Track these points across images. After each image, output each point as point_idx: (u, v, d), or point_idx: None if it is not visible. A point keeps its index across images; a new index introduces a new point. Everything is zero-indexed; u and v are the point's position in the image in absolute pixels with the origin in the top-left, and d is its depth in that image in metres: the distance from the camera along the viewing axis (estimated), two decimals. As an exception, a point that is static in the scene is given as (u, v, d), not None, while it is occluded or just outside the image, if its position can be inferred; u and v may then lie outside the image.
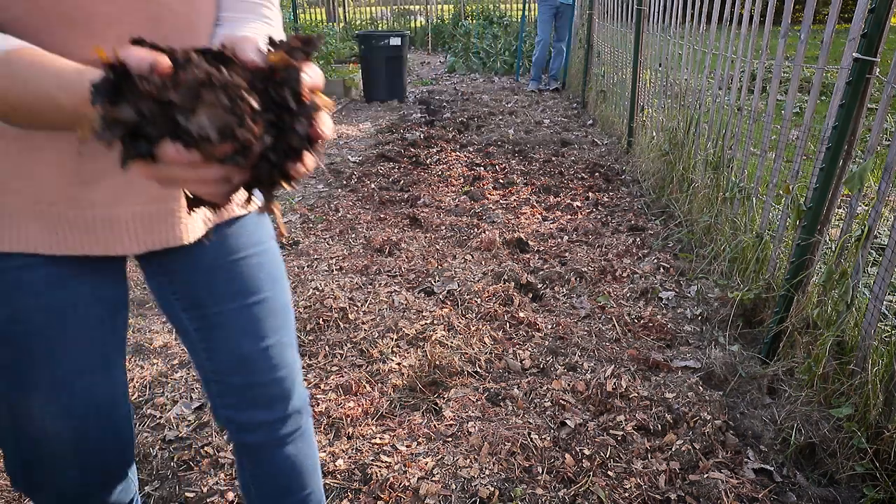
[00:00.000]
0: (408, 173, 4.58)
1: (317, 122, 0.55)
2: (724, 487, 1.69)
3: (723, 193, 3.00)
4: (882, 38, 1.82)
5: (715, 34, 3.26)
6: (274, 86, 0.54)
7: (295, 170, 0.56)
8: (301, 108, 0.54)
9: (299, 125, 0.54)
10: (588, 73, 6.84)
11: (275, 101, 0.54)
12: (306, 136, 0.55)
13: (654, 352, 2.34)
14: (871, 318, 1.82)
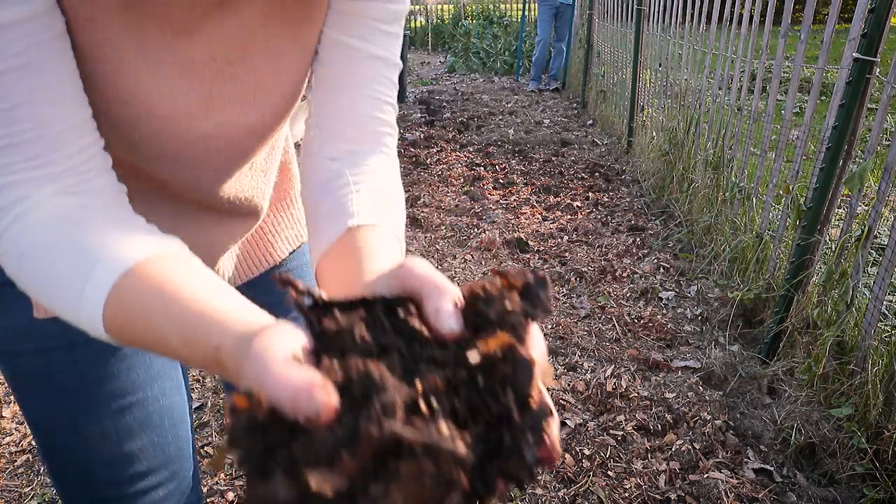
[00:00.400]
0: (408, 173, 4.58)
1: (548, 438, 0.38)
2: (724, 487, 1.69)
3: (723, 193, 3.00)
4: (882, 38, 1.82)
5: (715, 34, 3.26)
6: (488, 380, 0.38)
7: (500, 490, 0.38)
8: (527, 417, 0.38)
9: (524, 445, 0.37)
10: (588, 73, 6.84)
11: (483, 398, 0.38)
12: (533, 464, 0.37)
13: (654, 352, 2.34)
14: (871, 318, 1.82)
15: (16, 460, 1.86)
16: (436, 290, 0.42)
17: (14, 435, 1.95)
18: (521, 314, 0.41)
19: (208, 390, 2.16)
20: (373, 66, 0.70)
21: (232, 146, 0.72)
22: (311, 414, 0.32)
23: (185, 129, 0.66)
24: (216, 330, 0.44)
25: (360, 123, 0.71)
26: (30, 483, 1.77)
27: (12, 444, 1.92)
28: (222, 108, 0.67)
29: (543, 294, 0.42)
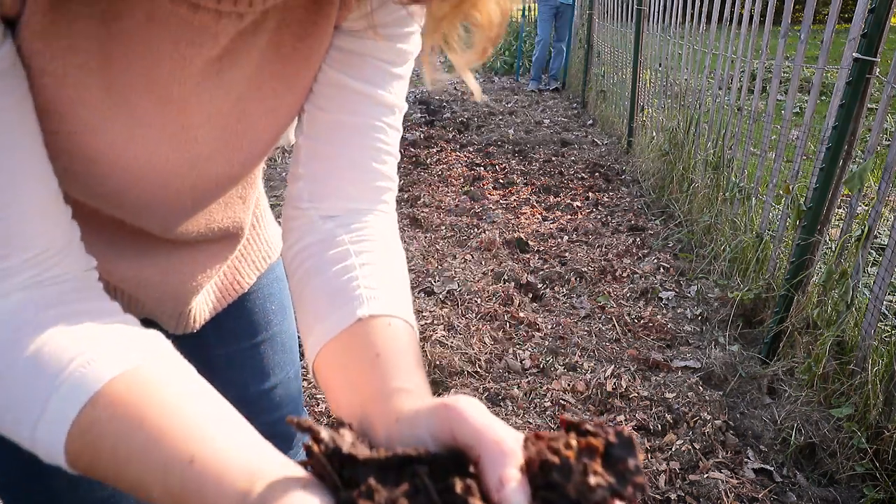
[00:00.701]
0: (408, 173, 4.58)
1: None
2: (725, 487, 1.69)
3: (723, 193, 3.00)
4: (882, 38, 1.82)
5: (715, 34, 3.26)
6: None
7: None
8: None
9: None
10: (588, 73, 6.84)
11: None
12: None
13: (654, 352, 2.34)
14: (871, 318, 1.82)
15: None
16: (498, 451, 0.34)
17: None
18: (608, 491, 0.32)
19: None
20: (377, 113, 0.62)
21: (208, 194, 0.66)
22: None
23: (161, 186, 0.59)
24: (211, 490, 0.36)
25: (358, 179, 0.62)
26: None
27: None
28: (208, 163, 0.61)
29: (632, 460, 0.34)
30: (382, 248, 0.60)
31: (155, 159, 0.56)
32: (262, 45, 0.55)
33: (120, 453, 0.39)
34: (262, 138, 0.63)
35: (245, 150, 0.62)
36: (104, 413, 0.40)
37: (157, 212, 0.63)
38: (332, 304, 0.55)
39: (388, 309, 0.54)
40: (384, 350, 0.50)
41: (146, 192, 0.58)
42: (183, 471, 0.37)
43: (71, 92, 0.48)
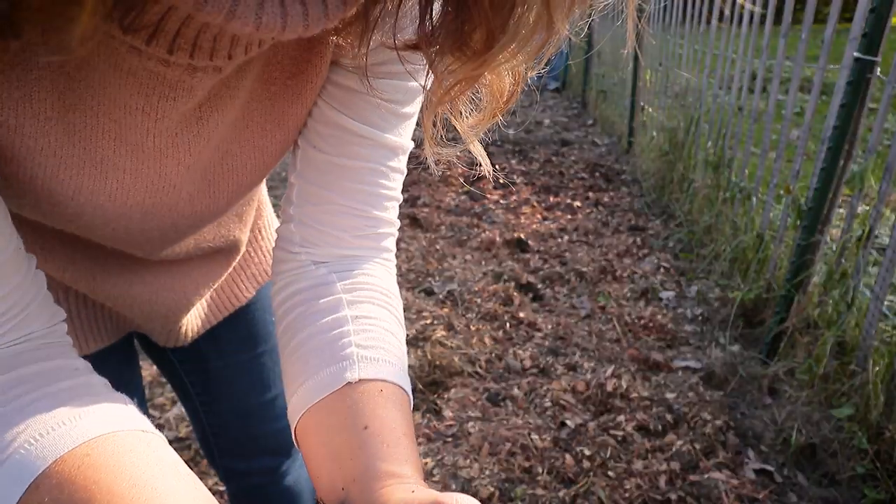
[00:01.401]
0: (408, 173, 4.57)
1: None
2: (725, 488, 1.69)
3: (723, 193, 3.00)
4: (883, 38, 1.82)
5: (715, 34, 3.26)
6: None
7: None
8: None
9: None
10: (588, 73, 6.84)
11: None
12: None
13: (654, 352, 2.34)
14: (871, 318, 1.81)
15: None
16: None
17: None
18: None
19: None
20: (379, 157, 0.56)
21: (194, 226, 0.61)
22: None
23: (138, 223, 0.54)
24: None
25: (355, 226, 0.57)
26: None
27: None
28: (190, 203, 0.56)
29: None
30: (379, 298, 0.56)
31: (131, 202, 0.51)
32: (248, 86, 0.50)
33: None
34: (249, 175, 0.58)
35: (231, 188, 0.58)
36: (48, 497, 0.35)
37: (138, 242, 0.59)
38: (320, 361, 0.51)
39: (381, 373, 0.50)
40: (373, 423, 0.46)
41: (123, 227, 0.54)
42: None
43: (29, 142, 0.43)
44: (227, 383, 0.90)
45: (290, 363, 0.53)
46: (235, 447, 0.97)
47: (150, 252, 0.63)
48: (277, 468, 1.01)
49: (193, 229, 0.63)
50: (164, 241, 0.62)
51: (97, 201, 0.49)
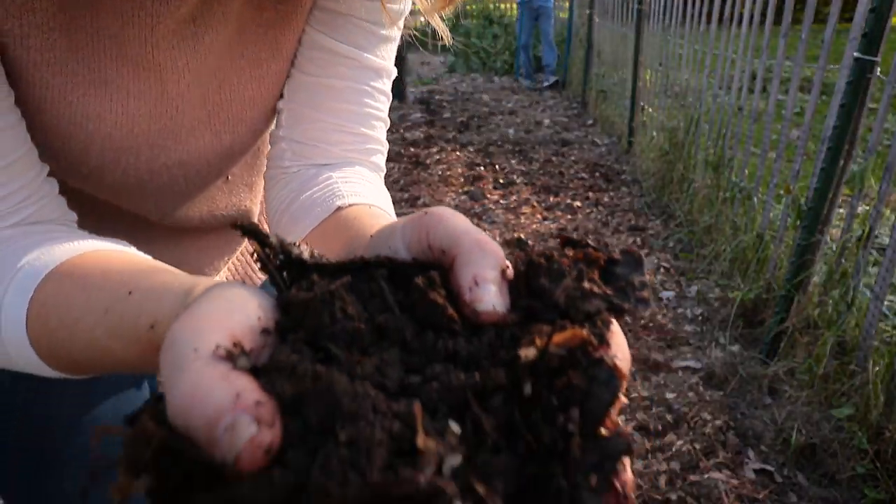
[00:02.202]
0: (408, 173, 4.57)
1: (620, 484, 0.25)
2: (725, 488, 1.69)
3: (723, 193, 3.00)
4: (883, 38, 1.82)
5: (715, 34, 3.26)
6: (543, 390, 0.25)
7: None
8: (594, 451, 0.25)
9: (585, 492, 0.24)
10: (588, 73, 6.84)
11: (531, 417, 0.25)
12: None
13: (654, 352, 2.34)
14: (871, 318, 1.81)
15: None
16: (477, 249, 0.28)
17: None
18: (604, 302, 0.28)
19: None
20: (364, 77, 0.59)
21: (201, 171, 0.62)
22: (228, 455, 0.21)
23: (146, 160, 0.56)
24: (149, 306, 0.33)
25: (344, 142, 0.60)
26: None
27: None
28: (192, 135, 0.57)
29: (637, 276, 0.29)
30: (368, 181, 0.59)
31: (136, 130, 0.53)
32: (238, 8, 0.53)
33: (68, 318, 0.38)
34: (249, 109, 0.60)
35: (232, 122, 0.59)
36: (51, 289, 0.40)
37: (150, 192, 0.60)
38: (313, 206, 0.54)
39: (368, 200, 0.54)
40: (361, 215, 0.50)
41: (132, 167, 0.55)
42: (123, 303, 0.35)
43: (35, 55, 0.45)
44: None
45: (284, 224, 0.57)
46: None
47: (163, 211, 0.64)
48: None
49: (201, 179, 0.63)
50: (175, 195, 0.63)
51: (105, 130, 0.51)
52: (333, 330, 0.26)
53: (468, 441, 0.24)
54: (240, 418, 0.21)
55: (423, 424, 0.23)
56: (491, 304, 0.27)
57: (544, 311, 0.27)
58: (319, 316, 0.26)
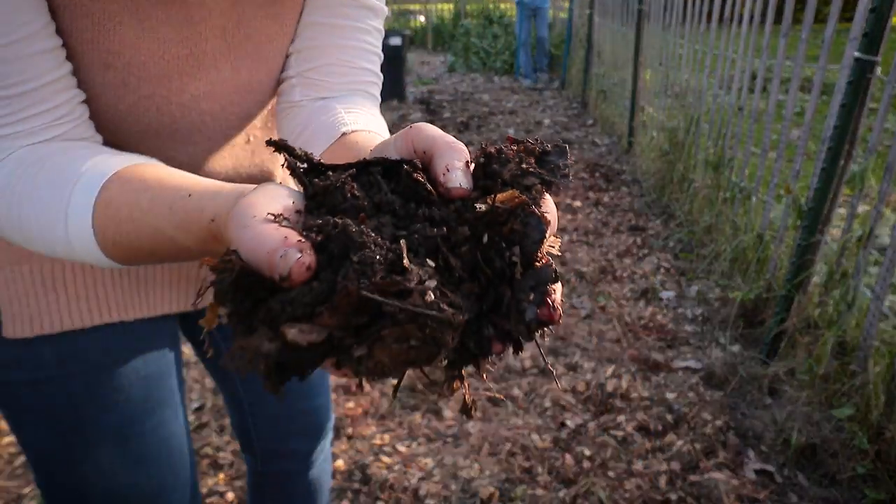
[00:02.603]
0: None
1: (551, 299, 0.36)
2: (725, 488, 1.68)
3: (723, 193, 3.00)
4: (883, 38, 1.82)
5: (715, 33, 3.26)
6: (493, 237, 0.37)
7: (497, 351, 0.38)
8: (530, 276, 0.36)
9: (525, 303, 0.36)
10: (588, 73, 6.84)
11: (487, 257, 0.36)
12: (533, 322, 0.36)
13: (654, 352, 2.34)
14: (872, 318, 1.81)
15: (14, 461, 1.85)
16: (448, 148, 0.39)
17: (12, 436, 1.95)
18: (538, 179, 0.39)
19: (207, 391, 2.16)
20: (362, 16, 0.69)
21: (225, 109, 0.69)
22: (283, 272, 0.31)
23: (175, 91, 0.63)
24: (209, 204, 0.42)
25: (347, 73, 0.70)
26: (28, 483, 1.77)
27: (11, 444, 1.91)
28: (214, 65, 0.64)
29: (562, 161, 0.40)
30: (368, 112, 0.68)
31: (167, 56, 0.60)
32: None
33: (135, 213, 0.46)
34: (265, 44, 0.67)
35: (250, 58, 0.67)
36: (116, 190, 0.48)
37: (180, 137, 0.67)
38: (320, 134, 0.63)
39: (370, 127, 0.63)
40: (363, 140, 0.58)
41: (164, 101, 0.63)
42: (185, 202, 0.44)
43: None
44: None
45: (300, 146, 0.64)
46: (271, 426, 1.01)
47: (194, 159, 0.71)
48: (309, 453, 1.04)
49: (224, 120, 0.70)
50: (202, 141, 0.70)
51: (140, 58, 0.58)
52: (344, 206, 0.36)
53: (441, 273, 0.35)
54: (290, 249, 0.32)
55: (408, 255, 0.33)
56: (458, 183, 0.37)
57: (496, 187, 0.38)
58: (334, 197, 0.36)
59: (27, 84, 0.51)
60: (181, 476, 0.86)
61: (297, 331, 0.31)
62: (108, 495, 0.78)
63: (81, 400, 0.74)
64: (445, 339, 0.33)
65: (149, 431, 0.80)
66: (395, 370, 0.33)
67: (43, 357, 0.72)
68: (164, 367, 0.82)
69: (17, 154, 0.52)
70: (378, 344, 0.32)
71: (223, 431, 1.96)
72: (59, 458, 0.76)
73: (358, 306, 0.31)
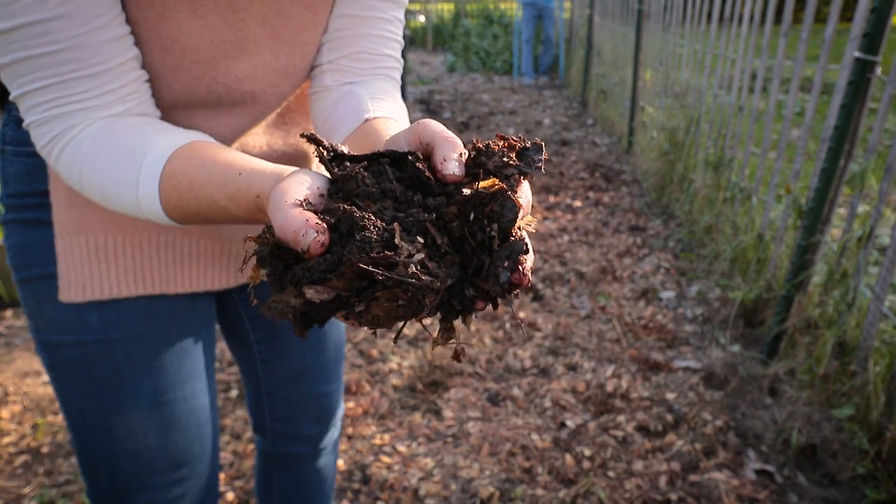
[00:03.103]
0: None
1: (522, 266, 0.45)
2: (725, 488, 1.68)
3: (723, 193, 3.00)
4: (883, 38, 1.82)
5: (716, 33, 3.26)
6: (477, 215, 0.46)
7: (479, 308, 0.48)
8: (506, 247, 0.46)
9: (500, 269, 0.45)
10: (588, 73, 6.84)
11: (472, 231, 0.46)
12: (506, 284, 0.45)
13: (654, 352, 2.34)
14: (872, 319, 1.81)
15: (14, 461, 1.85)
16: (445, 142, 0.47)
17: (12, 436, 1.95)
18: (516, 169, 0.48)
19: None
20: (387, 8, 0.78)
21: (265, 91, 0.77)
22: (304, 247, 0.42)
23: (222, 72, 0.72)
24: (255, 182, 0.51)
25: (373, 60, 0.79)
26: (28, 483, 1.77)
27: (11, 444, 1.91)
28: (256, 50, 0.73)
29: (538, 156, 0.49)
30: (390, 97, 0.77)
31: (216, 40, 0.69)
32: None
33: (195, 185, 0.56)
34: (301, 31, 0.75)
35: (288, 44, 0.75)
36: (178, 164, 0.58)
37: (224, 107, 0.75)
38: (345, 118, 0.72)
39: (391, 115, 0.71)
40: (383, 128, 0.66)
41: (213, 80, 0.72)
42: (236, 179, 0.53)
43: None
44: (290, 342, 1.01)
45: (329, 128, 0.74)
46: (286, 407, 1.06)
47: (234, 131, 0.78)
48: (318, 438, 1.11)
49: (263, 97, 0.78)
50: (245, 118, 0.78)
51: (193, 42, 0.68)
52: (358, 192, 0.46)
53: (428, 248, 0.44)
54: (310, 230, 0.42)
55: (400, 235, 0.43)
56: (452, 171, 0.46)
57: (481, 175, 0.47)
58: (350, 184, 0.46)
59: (103, 65, 0.60)
60: (206, 448, 0.91)
61: (314, 291, 0.42)
62: (136, 456, 0.85)
63: (121, 363, 0.81)
64: (424, 300, 0.42)
65: (180, 400, 0.86)
66: (387, 322, 0.44)
67: (90, 322, 0.79)
68: (199, 342, 0.89)
69: (97, 125, 0.61)
70: (374, 302, 0.42)
71: (223, 431, 1.96)
72: (96, 417, 0.83)
73: (359, 274, 0.41)
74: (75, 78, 0.59)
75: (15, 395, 2.12)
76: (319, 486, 1.16)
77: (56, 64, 0.58)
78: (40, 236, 0.78)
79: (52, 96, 0.59)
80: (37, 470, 1.82)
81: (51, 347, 0.81)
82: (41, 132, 0.61)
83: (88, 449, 0.85)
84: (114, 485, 0.87)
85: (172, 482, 0.88)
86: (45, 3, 0.55)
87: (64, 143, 0.60)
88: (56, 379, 0.83)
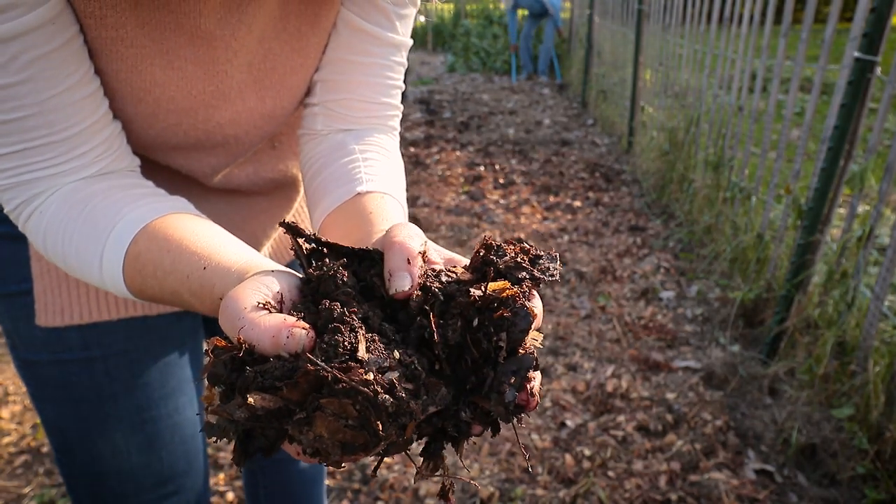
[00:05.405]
0: (408, 173, 4.57)
1: (530, 385, 0.39)
2: (725, 488, 1.68)
3: (723, 193, 3.00)
4: (883, 38, 1.82)
5: (716, 33, 3.26)
6: (483, 321, 0.40)
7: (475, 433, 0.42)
8: (513, 361, 0.40)
9: (506, 385, 0.39)
10: (588, 73, 6.84)
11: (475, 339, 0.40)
12: (511, 405, 0.39)
13: (654, 352, 2.34)
14: (872, 319, 1.81)
15: (14, 461, 1.85)
16: (392, 250, 0.44)
17: (12, 436, 1.95)
18: (528, 274, 0.44)
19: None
20: (386, 53, 0.70)
21: (249, 132, 0.72)
22: (293, 350, 0.37)
23: (202, 120, 0.67)
24: (219, 282, 0.48)
25: (369, 108, 0.72)
26: (28, 483, 1.77)
27: (11, 444, 1.91)
28: (240, 97, 0.68)
29: (553, 265, 0.45)
30: (385, 154, 0.71)
31: (194, 91, 0.64)
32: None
33: (158, 273, 0.52)
34: (290, 76, 0.69)
35: (275, 89, 0.69)
36: (144, 245, 0.53)
37: (206, 155, 0.71)
38: (337, 184, 0.66)
39: (385, 189, 0.65)
40: (376, 210, 0.61)
41: (191, 127, 0.67)
42: (200, 274, 0.49)
43: (111, 32, 0.56)
44: None
45: (313, 192, 0.69)
46: None
47: (216, 167, 0.75)
48: None
49: (249, 137, 0.73)
50: (226, 151, 0.73)
51: (168, 94, 0.62)
52: (336, 293, 0.42)
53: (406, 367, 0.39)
54: (295, 329, 0.38)
55: (366, 346, 0.38)
56: (395, 288, 0.43)
57: (490, 275, 0.43)
58: (328, 285, 0.42)
59: (75, 128, 0.56)
60: (193, 462, 0.89)
61: (259, 397, 0.36)
62: (121, 475, 0.82)
63: (101, 381, 0.78)
64: (380, 427, 0.35)
65: (164, 416, 0.83)
66: (333, 449, 0.36)
67: (69, 340, 0.76)
68: (184, 355, 0.86)
69: (63, 190, 0.57)
70: (318, 413, 0.35)
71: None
72: (78, 436, 0.80)
73: (314, 384, 0.36)
74: (44, 144, 0.55)
75: (15, 395, 2.12)
76: (305, 488, 1.15)
77: (23, 130, 0.54)
78: (14, 251, 0.73)
79: (19, 163, 0.55)
80: (37, 470, 1.82)
81: (29, 366, 0.78)
82: (8, 197, 0.57)
83: (71, 468, 0.83)
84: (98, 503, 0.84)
85: (159, 498, 0.85)
86: (7, 67, 0.51)
87: (31, 210, 0.57)
88: (35, 397, 0.80)
